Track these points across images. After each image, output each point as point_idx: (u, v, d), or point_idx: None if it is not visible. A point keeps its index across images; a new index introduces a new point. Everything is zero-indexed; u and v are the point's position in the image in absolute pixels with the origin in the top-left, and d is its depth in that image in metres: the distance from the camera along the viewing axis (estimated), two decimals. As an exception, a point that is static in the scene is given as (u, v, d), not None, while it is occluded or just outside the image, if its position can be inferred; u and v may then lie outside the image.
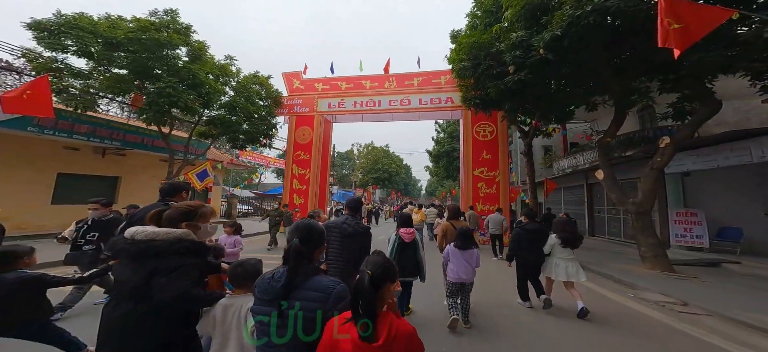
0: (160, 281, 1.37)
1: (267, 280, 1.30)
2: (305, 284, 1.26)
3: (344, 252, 2.59)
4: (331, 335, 1.12)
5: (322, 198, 13.85)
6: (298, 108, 14.31)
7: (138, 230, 1.46)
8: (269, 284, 1.28)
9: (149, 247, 1.41)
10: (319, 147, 13.53)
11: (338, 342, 1.10)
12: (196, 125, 10.56)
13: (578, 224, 14.23)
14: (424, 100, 13.56)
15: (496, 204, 11.54)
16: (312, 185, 13.14)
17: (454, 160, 24.32)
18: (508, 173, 11.67)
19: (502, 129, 12.21)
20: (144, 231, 1.45)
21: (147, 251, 1.40)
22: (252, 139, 11.76)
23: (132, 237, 1.45)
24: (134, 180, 12.15)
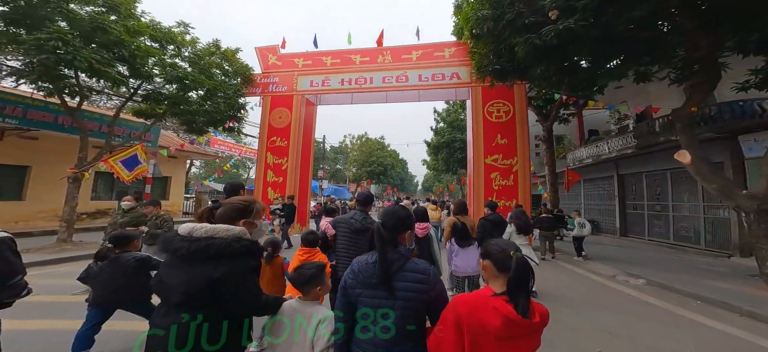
0: (228, 286, 1.22)
1: (371, 263, 1.28)
2: (402, 268, 1.24)
3: (353, 248, 2.56)
4: (466, 312, 1.07)
5: (303, 192, 11.59)
6: (274, 87, 11.96)
7: (196, 227, 1.29)
8: (372, 267, 1.26)
9: (210, 245, 1.23)
10: (298, 132, 11.23)
11: (483, 319, 1.04)
12: (128, 100, 8.16)
13: (606, 222, 12.28)
14: (425, 77, 11.38)
15: (514, 199, 9.48)
16: (291, 177, 10.87)
17: (455, 152, 22.30)
18: (528, 161, 9.60)
19: (520, 108, 10.12)
20: (202, 227, 1.28)
21: (207, 249, 1.22)
22: (213, 122, 9.40)
23: (189, 234, 1.27)
24: (49, 171, 9.26)
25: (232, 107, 9.79)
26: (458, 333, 1.06)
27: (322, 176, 24.43)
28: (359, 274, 1.27)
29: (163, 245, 1.31)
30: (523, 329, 1.02)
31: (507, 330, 1.00)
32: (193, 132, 9.48)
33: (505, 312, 1.01)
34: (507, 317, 1.00)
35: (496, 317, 1.01)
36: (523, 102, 10.16)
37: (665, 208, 10.09)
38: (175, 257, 1.25)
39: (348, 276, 1.31)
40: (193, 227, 1.29)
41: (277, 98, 11.73)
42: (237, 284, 1.23)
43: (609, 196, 12.16)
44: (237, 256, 1.25)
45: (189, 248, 1.22)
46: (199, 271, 1.19)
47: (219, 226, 1.30)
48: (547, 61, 6.45)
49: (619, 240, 10.89)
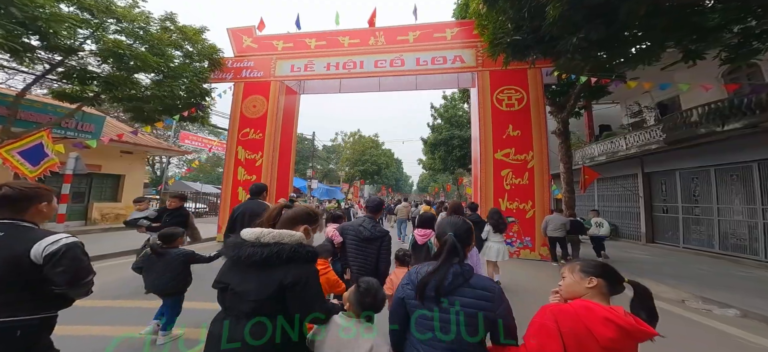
0: (297, 290, 1.21)
1: (425, 273, 1.25)
2: (467, 282, 1.22)
3: (360, 256, 2.49)
4: (573, 323, 1.06)
5: (282, 191, 9.96)
6: (248, 72, 10.31)
7: (263, 232, 1.27)
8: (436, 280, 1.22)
9: (282, 250, 1.23)
10: (276, 123, 9.60)
11: (592, 328, 1.03)
12: (40, 78, 6.40)
13: (628, 226, 10.91)
14: (424, 61, 9.87)
15: (529, 201, 8.04)
16: (267, 174, 9.22)
17: (453, 150, 20.92)
18: (546, 156, 8.16)
19: (535, 94, 8.67)
20: (269, 233, 1.27)
21: (280, 254, 1.22)
22: (168, 110, 7.72)
23: (258, 240, 1.25)
24: None
25: (192, 93, 8.12)
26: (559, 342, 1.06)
27: (312, 175, 22.77)
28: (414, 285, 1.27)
29: (232, 251, 1.25)
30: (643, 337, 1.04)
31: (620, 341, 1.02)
32: (141, 121, 7.80)
33: (622, 323, 1.02)
34: (624, 328, 1.02)
35: (608, 330, 1.02)
36: (538, 87, 8.71)
37: (707, 211, 8.66)
38: (247, 263, 1.22)
39: (406, 287, 1.29)
40: (260, 232, 1.27)
41: (251, 85, 10.08)
42: (305, 289, 1.22)
43: (631, 197, 10.81)
44: (304, 261, 1.25)
45: (262, 253, 1.21)
46: (271, 277, 1.19)
47: (283, 231, 1.29)
48: (587, 26, 4.97)
49: (647, 248, 9.52)
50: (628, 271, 6.59)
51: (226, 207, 9.05)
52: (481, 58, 9.52)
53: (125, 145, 9.31)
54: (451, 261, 1.23)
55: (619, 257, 8.52)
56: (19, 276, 1.30)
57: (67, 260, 1.34)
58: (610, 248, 9.81)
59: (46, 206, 1.50)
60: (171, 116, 7.78)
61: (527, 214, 7.95)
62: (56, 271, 1.32)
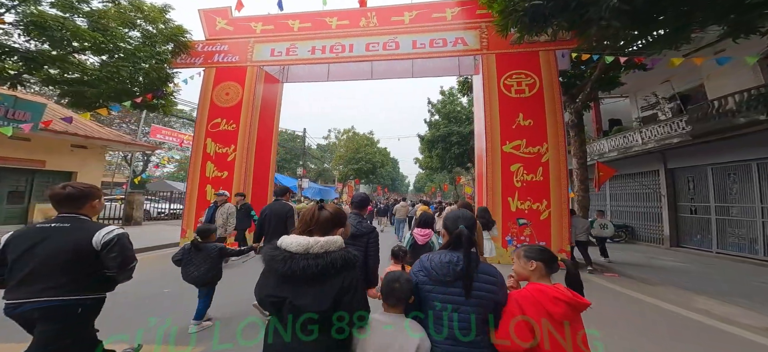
0: (348, 297, 1.19)
1: (445, 262, 1.31)
2: (479, 268, 1.31)
3: None
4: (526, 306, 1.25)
5: (261, 190, 8.72)
6: (221, 57, 9.07)
7: (310, 243, 1.21)
8: (448, 267, 1.30)
9: (334, 261, 1.20)
10: (252, 113, 8.37)
11: (547, 307, 1.22)
12: None
13: (647, 228, 9.85)
14: (421, 43, 8.75)
15: (544, 199, 6.95)
16: (241, 170, 7.97)
17: (452, 147, 19.84)
18: (563, 148, 7.08)
19: (549, 78, 7.60)
20: (318, 243, 1.22)
21: (334, 264, 1.19)
22: (117, 96, 6.47)
23: (307, 251, 1.20)
24: None
25: (152, 78, 6.87)
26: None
27: (303, 174, 21.51)
28: (433, 272, 1.32)
29: (284, 266, 1.18)
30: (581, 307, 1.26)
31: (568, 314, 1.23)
32: (82, 107, 6.54)
33: (566, 298, 1.23)
34: (568, 301, 1.23)
35: (559, 305, 1.22)
36: (552, 71, 7.64)
37: (748, 211, 7.56)
38: (302, 276, 1.17)
39: (419, 273, 1.36)
40: (307, 243, 1.22)
41: (224, 70, 8.84)
42: (356, 293, 1.23)
43: (651, 196, 9.79)
44: (352, 267, 1.25)
45: (317, 266, 1.17)
46: (327, 288, 1.18)
47: (329, 239, 1.26)
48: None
49: (672, 253, 8.49)
50: (661, 281, 5.53)
51: (192, 209, 7.77)
52: (486, 40, 8.45)
53: (76, 138, 8.02)
54: (469, 250, 1.30)
55: (642, 262, 7.47)
56: (81, 260, 1.59)
57: (119, 247, 1.65)
58: (627, 251, 8.81)
59: (97, 203, 1.81)
60: (120, 103, 6.53)
61: (542, 215, 6.86)
62: (110, 256, 1.62)
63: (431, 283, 1.30)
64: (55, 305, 1.48)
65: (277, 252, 1.21)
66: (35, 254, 1.52)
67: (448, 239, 1.41)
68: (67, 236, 1.58)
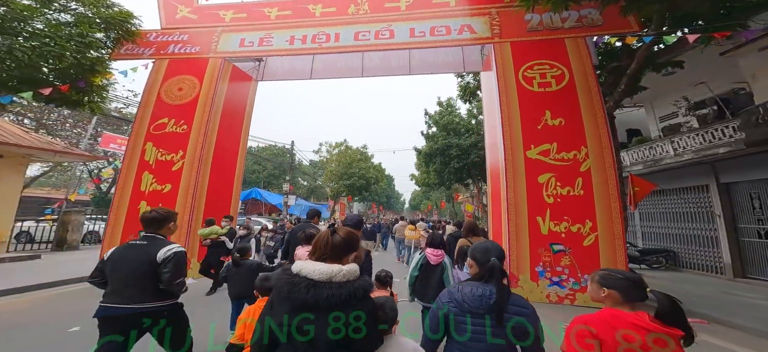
0: (368, 327, 1.15)
1: (477, 295, 1.35)
2: (510, 300, 1.34)
3: None
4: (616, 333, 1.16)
5: (220, 206, 6.83)
6: (178, 47, 7.49)
7: (333, 271, 1.15)
8: (480, 300, 1.34)
9: (356, 290, 1.15)
10: (211, 114, 6.65)
11: (625, 334, 1.14)
12: None
13: (695, 254, 8.12)
14: (420, 32, 7.32)
15: (586, 218, 5.29)
16: (188, 182, 6.10)
17: (451, 161, 18.34)
18: (611, 153, 5.49)
19: (583, 69, 6.17)
20: (341, 272, 1.17)
21: (356, 294, 1.14)
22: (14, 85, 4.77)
23: (330, 280, 1.13)
24: None
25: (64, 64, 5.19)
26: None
27: (289, 189, 19.65)
28: (464, 304, 1.36)
29: (306, 294, 1.10)
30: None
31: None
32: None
33: (647, 326, 1.14)
34: (648, 330, 1.13)
35: (638, 332, 1.13)
36: (585, 60, 6.22)
37: None
38: (325, 306, 1.11)
39: (449, 305, 1.40)
40: (331, 271, 1.15)
41: (179, 62, 7.22)
42: (373, 324, 1.19)
43: (699, 215, 8.18)
44: (369, 296, 1.22)
45: (341, 295, 1.12)
46: (343, 320, 1.13)
47: (350, 268, 1.21)
48: None
49: (741, 285, 6.74)
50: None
51: (117, 232, 5.75)
52: (498, 26, 7.08)
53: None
54: (502, 283, 1.35)
55: (716, 299, 5.68)
56: (153, 273, 1.93)
57: (172, 264, 1.93)
58: (679, 282, 7.09)
59: (173, 225, 2.21)
60: (18, 93, 4.81)
61: (586, 240, 5.18)
62: (163, 270, 1.92)
63: (462, 313, 1.35)
64: (133, 311, 1.84)
65: (298, 279, 1.14)
66: (124, 267, 1.92)
67: (477, 271, 1.46)
68: (145, 252, 1.95)
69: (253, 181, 28.93)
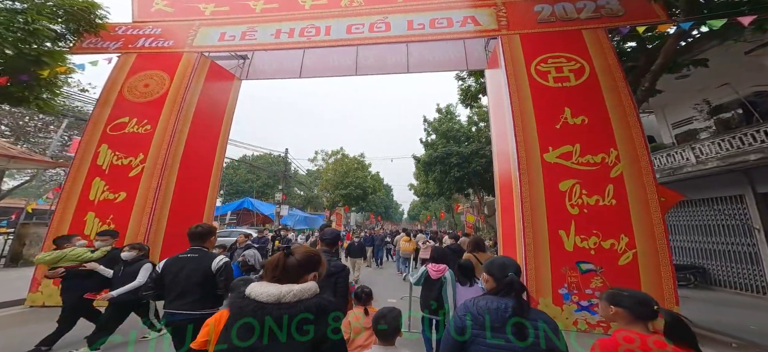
0: (328, 348, 1.15)
1: (493, 309, 1.32)
2: (530, 314, 1.31)
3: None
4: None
5: (185, 223, 5.98)
6: (149, 41, 6.72)
7: (282, 292, 1.10)
8: (496, 313, 1.31)
9: (308, 309, 1.10)
10: (180, 113, 5.80)
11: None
12: None
13: (726, 271, 7.13)
14: (419, 24, 6.62)
15: (621, 232, 4.43)
16: (147, 191, 5.18)
17: (451, 169, 17.54)
18: (647, 155, 4.67)
19: (605, 62, 5.43)
20: (290, 292, 1.10)
21: (308, 311, 1.09)
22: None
23: (279, 301, 1.07)
24: None
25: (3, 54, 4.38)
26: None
27: (282, 199, 18.71)
28: (479, 317, 1.33)
29: (256, 315, 1.06)
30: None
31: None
32: None
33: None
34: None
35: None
36: (608, 52, 5.50)
37: None
38: (278, 329, 1.08)
39: (464, 318, 1.36)
40: (279, 292, 1.09)
41: (148, 57, 6.43)
42: (338, 345, 1.17)
43: (733, 229, 7.32)
44: (324, 315, 1.16)
45: (291, 317, 1.07)
46: (301, 340, 1.10)
47: (302, 287, 1.14)
48: None
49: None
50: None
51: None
52: (505, 18, 6.40)
53: None
54: (522, 298, 1.32)
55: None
56: (207, 281, 2.22)
57: (225, 273, 2.30)
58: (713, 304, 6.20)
59: (213, 238, 2.54)
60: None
61: (622, 258, 4.32)
62: (220, 279, 2.26)
63: (479, 328, 1.32)
64: (197, 316, 2.05)
65: (246, 302, 1.09)
66: (181, 276, 2.18)
67: (494, 286, 1.43)
68: (198, 263, 2.25)
69: (245, 190, 27.93)
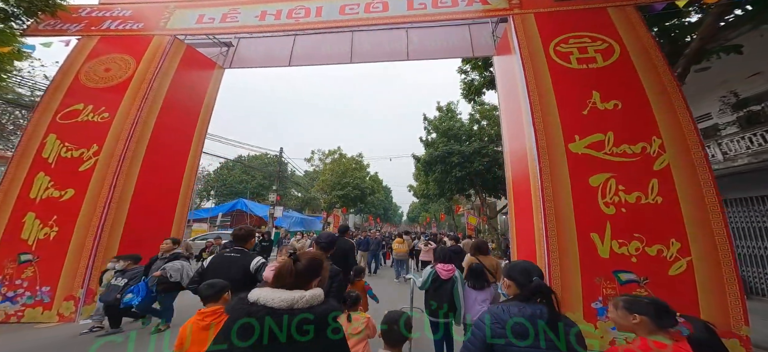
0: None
1: (528, 316, 1.29)
2: (564, 319, 1.30)
3: None
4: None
5: (150, 226, 5.10)
6: (116, 24, 5.95)
7: (295, 298, 1.09)
8: (533, 320, 1.28)
9: (322, 314, 1.12)
10: (145, 100, 5.01)
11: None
12: None
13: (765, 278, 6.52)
14: (420, 3, 5.93)
15: (671, 236, 3.66)
16: (99, 190, 4.32)
17: (453, 169, 16.81)
18: (700, 144, 3.92)
19: (639, 43, 4.70)
20: (303, 298, 1.10)
21: (317, 321, 1.10)
22: None
23: (291, 307, 1.06)
24: None
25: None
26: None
27: (276, 200, 17.88)
28: (512, 327, 1.30)
29: (261, 320, 1.03)
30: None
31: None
32: None
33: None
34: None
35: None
36: (640, 30, 4.78)
37: None
38: (296, 332, 1.07)
39: (494, 326, 1.32)
40: (292, 298, 1.07)
41: (113, 40, 5.67)
42: (343, 347, 1.19)
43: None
44: (335, 321, 1.17)
45: (302, 321, 1.07)
46: (312, 346, 1.09)
47: (313, 293, 1.13)
48: None
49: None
50: None
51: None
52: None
53: None
54: (551, 302, 1.30)
55: None
56: (248, 278, 2.53)
57: (261, 271, 2.57)
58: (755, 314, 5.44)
59: (253, 241, 2.86)
60: None
61: (673, 267, 3.55)
62: (258, 276, 2.57)
63: (513, 335, 1.28)
64: None
65: (255, 308, 1.05)
66: (226, 274, 2.36)
67: (517, 292, 1.41)
68: (240, 262, 2.58)
69: (240, 191, 27.10)
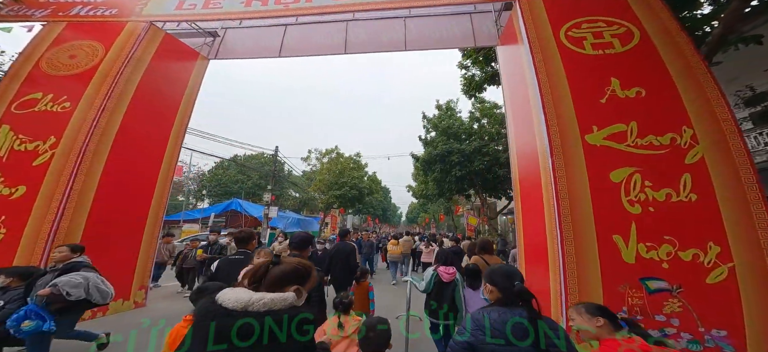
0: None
1: (509, 322, 1.32)
2: (546, 321, 1.34)
3: None
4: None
5: (120, 227, 4.58)
6: (87, 9, 5.45)
7: (251, 299, 0.98)
8: (503, 325, 1.32)
9: (278, 321, 1.03)
10: (113, 88, 4.51)
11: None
12: None
13: None
14: (419, -13, 5.42)
15: (709, 239, 3.19)
16: (53, 187, 3.77)
17: (452, 168, 16.38)
18: (739, 134, 3.47)
19: (660, 25, 4.26)
20: (260, 299, 0.99)
21: (278, 324, 1.00)
22: None
23: (246, 308, 0.96)
24: None
25: None
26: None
27: (271, 200, 17.34)
28: (493, 330, 1.32)
29: (220, 321, 0.94)
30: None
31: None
32: None
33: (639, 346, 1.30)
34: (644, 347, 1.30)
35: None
36: (662, 13, 4.34)
37: None
38: (239, 338, 0.95)
39: (476, 333, 1.34)
40: (248, 299, 0.98)
41: (81, 27, 5.17)
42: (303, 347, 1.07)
43: None
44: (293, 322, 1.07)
45: (259, 325, 0.99)
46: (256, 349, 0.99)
47: (275, 296, 1.03)
48: None
49: None
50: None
51: None
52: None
53: None
54: (531, 306, 1.33)
55: None
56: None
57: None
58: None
59: (254, 242, 2.92)
60: None
61: (711, 275, 3.10)
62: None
63: (489, 339, 1.31)
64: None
65: (213, 307, 0.99)
66: (234, 277, 2.26)
67: (498, 296, 1.43)
68: (244, 264, 2.48)
69: (235, 192, 26.54)
